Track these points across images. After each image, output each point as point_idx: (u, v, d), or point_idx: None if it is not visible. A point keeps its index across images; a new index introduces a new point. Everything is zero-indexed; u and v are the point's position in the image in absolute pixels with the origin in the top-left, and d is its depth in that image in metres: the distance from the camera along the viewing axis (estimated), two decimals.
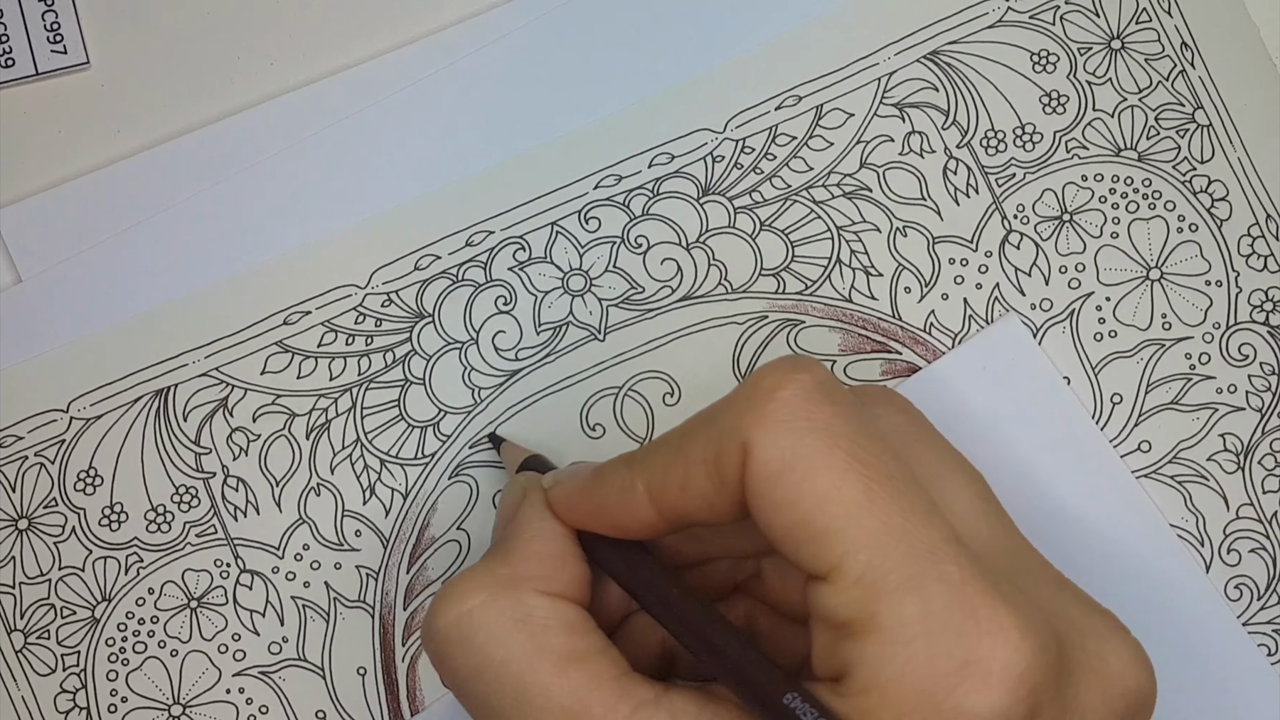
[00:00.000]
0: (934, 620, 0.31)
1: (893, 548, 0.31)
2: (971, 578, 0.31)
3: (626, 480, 0.35)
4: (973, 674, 0.31)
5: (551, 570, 0.36)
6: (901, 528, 0.32)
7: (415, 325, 0.45)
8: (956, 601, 0.31)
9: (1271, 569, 0.45)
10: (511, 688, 0.34)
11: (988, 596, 0.31)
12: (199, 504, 0.45)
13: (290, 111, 0.45)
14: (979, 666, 0.31)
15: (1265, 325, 0.46)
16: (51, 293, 0.45)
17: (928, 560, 0.31)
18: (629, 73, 0.46)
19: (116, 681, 0.44)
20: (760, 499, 0.33)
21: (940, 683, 0.31)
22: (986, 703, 0.31)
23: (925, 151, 0.46)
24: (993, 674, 0.31)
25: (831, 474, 0.32)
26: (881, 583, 0.31)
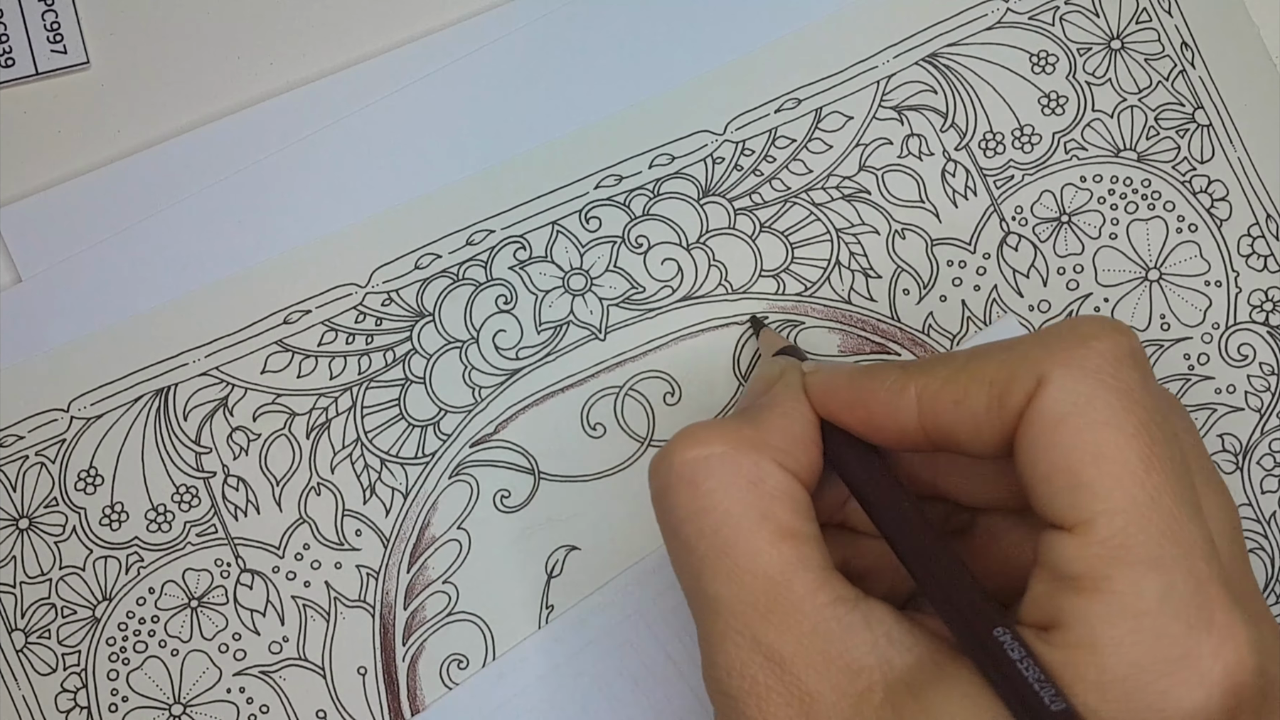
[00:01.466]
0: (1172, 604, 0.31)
1: (1153, 523, 0.31)
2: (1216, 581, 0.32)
3: (899, 381, 0.35)
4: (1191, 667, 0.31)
5: (793, 447, 0.36)
6: (1169, 509, 0.32)
7: (416, 324, 0.45)
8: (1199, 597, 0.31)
9: (1271, 569, 0.45)
10: (725, 539, 0.34)
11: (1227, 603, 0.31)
12: (199, 503, 0.45)
13: (290, 111, 0.45)
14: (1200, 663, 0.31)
15: (1265, 325, 0.46)
16: (51, 293, 0.45)
17: (1182, 548, 0.31)
18: (629, 73, 0.46)
19: (117, 681, 0.44)
20: (1036, 435, 0.32)
21: (1157, 663, 0.31)
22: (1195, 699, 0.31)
23: (924, 154, 0.46)
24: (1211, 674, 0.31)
25: (1120, 434, 0.32)
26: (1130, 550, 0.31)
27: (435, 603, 0.45)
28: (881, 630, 0.34)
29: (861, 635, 0.34)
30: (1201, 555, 0.32)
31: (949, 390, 0.34)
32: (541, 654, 0.44)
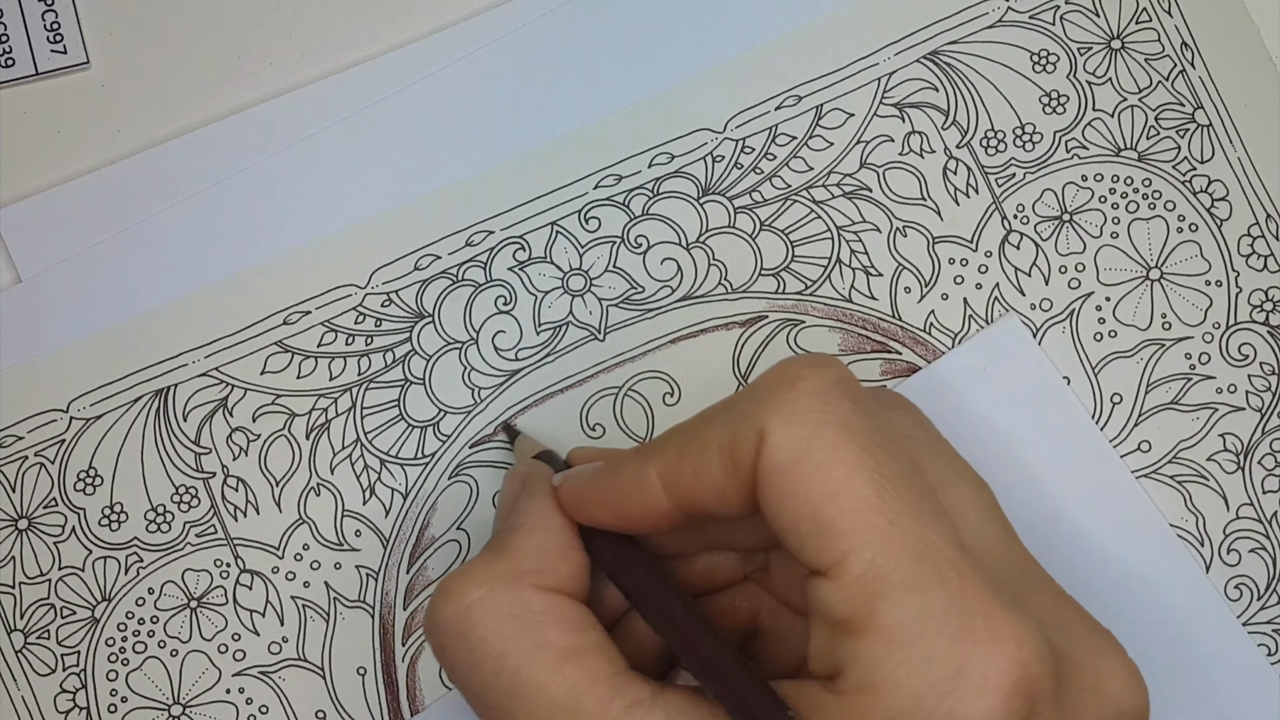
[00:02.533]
0: (932, 623, 0.31)
1: (898, 547, 0.31)
2: (973, 585, 0.32)
3: (639, 468, 0.35)
4: (968, 681, 0.31)
5: (550, 564, 0.36)
6: (909, 529, 0.32)
7: (415, 325, 0.45)
8: (956, 607, 0.31)
9: (1271, 569, 0.45)
10: (508, 682, 0.34)
11: (987, 605, 0.31)
12: (199, 504, 0.45)
13: (290, 111, 0.45)
14: (974, 673, 0.31)
15: (1265, 325, 0.46)
16: (51, 293, 0.45)
17: (931, 563, 0.31)
18: (629, 73, 0.46)
19: (116, 681, 0.44)
20: (771, 488, 0.33)
21: (935, 687, 0.31)
22: (981, 710, 0.31)
23: (925, 151, 0.46)
24: (988, 681, 0.31)
25: (844, 467, 0.32)
26: (883, 581, 0.31)
27: None
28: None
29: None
30: (951, 564, 0.32)
31: (686, 464, 0.34)
32: None
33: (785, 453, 0.32)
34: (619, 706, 0.34)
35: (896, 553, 0.31)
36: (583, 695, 0.34)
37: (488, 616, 0.35)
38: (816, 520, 0.32)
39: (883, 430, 0.33)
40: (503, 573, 0.36)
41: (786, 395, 0.33)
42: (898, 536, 0.32)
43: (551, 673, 0.34)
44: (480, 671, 0.35)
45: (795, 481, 0.32)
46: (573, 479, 0.38)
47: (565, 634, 0.35)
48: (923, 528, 0.32)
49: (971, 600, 0.31)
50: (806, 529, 0.32)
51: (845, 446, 0.32)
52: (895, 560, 0.31)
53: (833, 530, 0.32)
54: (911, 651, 0.31)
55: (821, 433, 0.32)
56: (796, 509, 0.32)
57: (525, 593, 0.35)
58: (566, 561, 0.37)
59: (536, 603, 0.35)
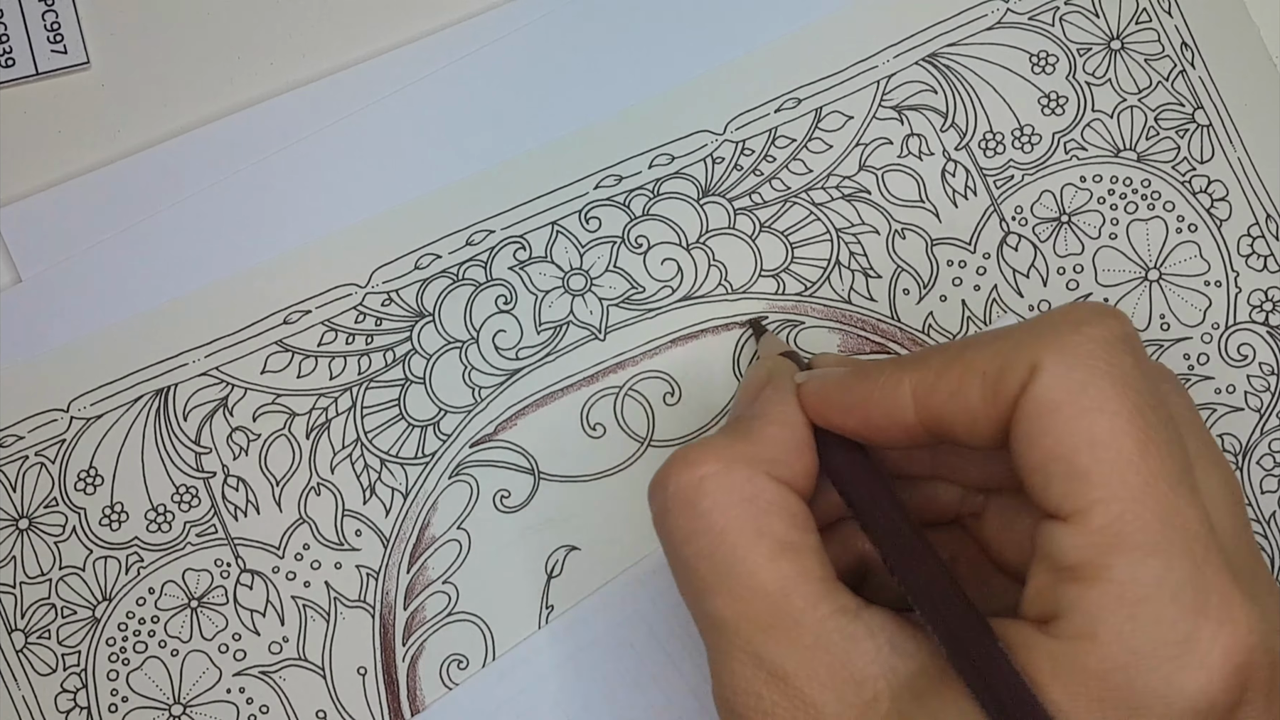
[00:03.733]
0: (1168, 588, 0.31)
1: (1149, 509, 0.31)
2: (1215, 563, 0.31)
3: (893, 377, 0.35)
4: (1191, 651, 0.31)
5: (786, 457, 0.36)
6: (1164, 494, 0.31)
7: (415, 324, 0.45)
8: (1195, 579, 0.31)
9: (1271, 569, 0.45)
10: (723, 558, 0.34)
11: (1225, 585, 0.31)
12: (199, 504, 0.45)
13: (290, 111, 0.45)
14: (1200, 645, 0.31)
15: (1264, 325, 0.46)
16: (51, 293, 0.45)
17: (1178, 532, 0.31)
18: (629, 73, 0.46)
19: (117, 681, 0.44)
20: (1030, 423, 0.32)
21: (1157, 650, 0.31)
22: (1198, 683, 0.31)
23: (924, 153, 0.46)
24: (1211, 657, 0.31)
25: (1115, 420, 0.32)
26: (1127, 538, 0.31)
27: (435, 603, 0.45)
28: (884, 638, 0.34)
29: (864, 645, 0.34)
30: (1198, 538, 0.32)
31: (944, 382, 0.34)
32: (541, 654, 0.44)
33: (1056, 391, 0.32)
34: (825, 609, 0.34)
35: (1146, 514, 0.31)
36: (792, 590, 0.34)
37: (719, 491, 0.35)
38: (1070, 464, 0.32)
39: (1158, 394, 0.33)
40: (741, 454, 0.36)
41: (1071, 336, 0.33)
42: (1150, 499, 0.31)
43: (766, 560, 0.34)
44: (697, 542, 0.35)
45: (1060, 421, 0.32)
46: (819, 378, 0.37)
47: (788, 528, 0.35)
48: (1177, 497, 0.32)
49: (1211, 577, 0.31)
50: (1057, 470, 0.32)
51: (1119, 400, 0.32)
52: (1143, 520, 0.31)
53: (1086, 477, 0.32)
54: (1141, 610, 0.31)
55: (1097, 381, 0.32)
56: (1053, 448, 0.32)
57: (759, 478, 0.35)
58: (801, 459, 0.36)
59: (767, 490, 0.35)
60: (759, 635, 0.34)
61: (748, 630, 0.34)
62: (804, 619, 0.34)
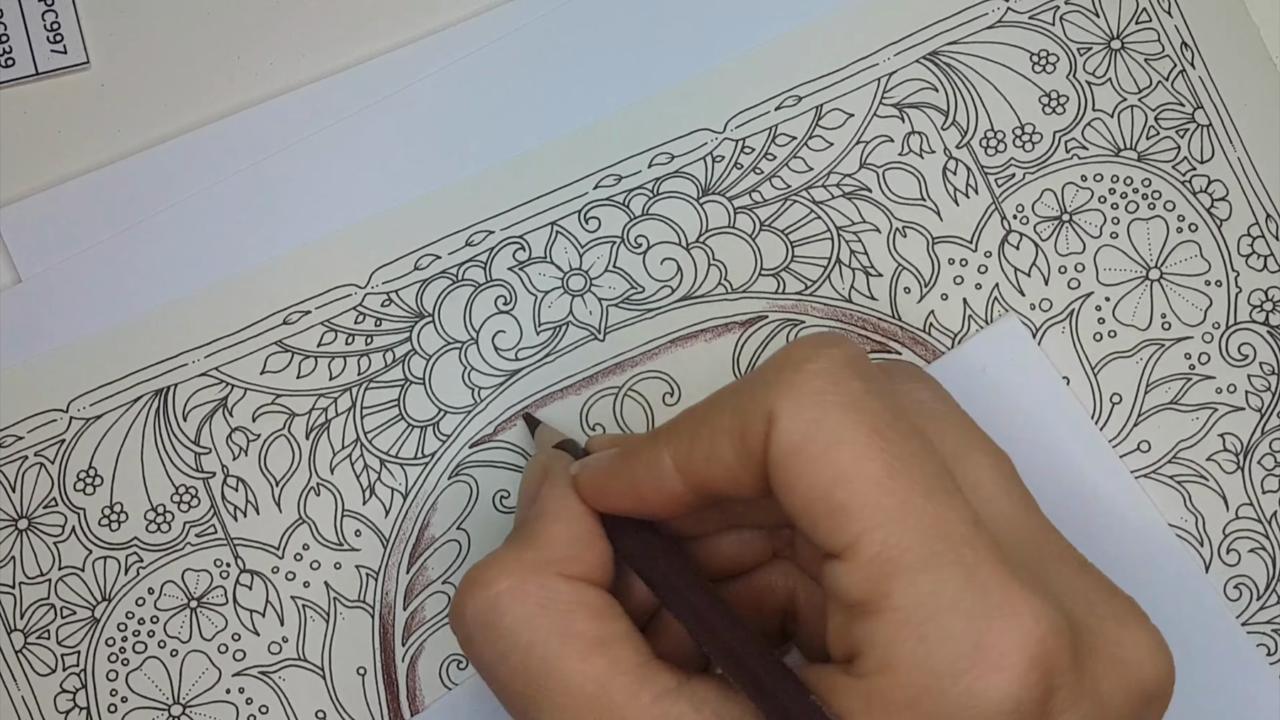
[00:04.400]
0: (947, 601, 0.31)
1: (910, 527, 0.31)
2: (987, 560, 0.31)
3: (653, 454, 0.35)
4: (985, 657, 0.31)
5: (576, 552, 0.36)
6: (920, 507, 0.31)
7: (415, 325, 0.45)
8: (971, 584, 0.31)
9: (1271, 569, 0.45)
10: (536, 671, 0.34)
11: (1003, 581, 0.31)
12: (199, 504, 0.45)
13: (290, 111, 0.45)
14: (991, 650, 0.31)
15: (1265, 325, 0.46)
16: (51, 293, 0.45)
17: (944, 542, 0.31)
18: (629, 73, 0.46)
19: (116, 681, 0.44)
20: (781, 471, 0.32)
21: (952, 665, 0.31)
22: (998, 686, 0.30)
23: (925, 152, 0.46)
24: (1005, 656, 0.31)
25: (854, 449, 0.32)
26: (896, 562, 0.31)
27: (435, 603, 0.45)
28: (709, 710, 0.34)
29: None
30: (966, 541, 0.32)
31: (698, 448, 0.34)
32: None
33: (794, 435, 0.32)
34: (646, 696, 0.34)
35: (908, 533, 0.31)
36: (610, 685, 0.34)
37: (515, 606, 0.35)
38: (827, 503, 0.32)
39: (893, 409, 0.33)
40: (530, 562, 0.35)
41: (795, 377, 0.33)
42: (909, 516, 0.31)
43: (579, 662, 0.34)
44: (508, 662, 0.35)
45: (805, 464, 0.32)
46: (590, 467, 0.37)
47: (592, 623, 0.35)
48: (935, 505, 0.32)
49: (986, 577, 0.31)
50: (818, 511, 0.32)
51: (854, 427, 0.32)
52: (907, 541, 0.31)
53: (844, 513, 0.32)
54: (927, 630, 0.31)
55: (830, 414, 0.32)
56: (807, 492, 0.32)
57: (553, 581, 0.35)
58: (592, 550, 0.36)
59: (564, 592, 0.35)
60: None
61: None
62: (627, 712, 0.34)
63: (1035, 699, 0.31)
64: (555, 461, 0.39)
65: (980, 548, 0.32)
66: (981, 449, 0.36)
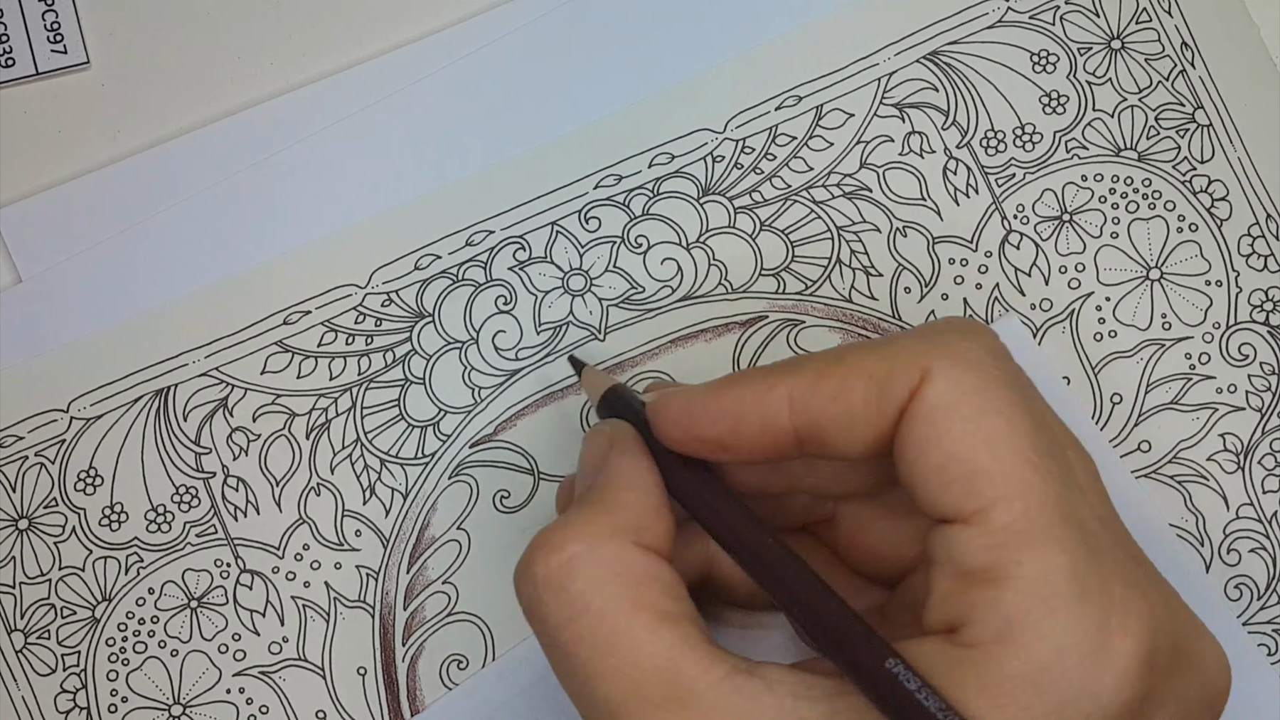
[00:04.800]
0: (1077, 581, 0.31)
1: (1049, 504, 0.32)
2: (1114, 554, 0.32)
3: (766, 382, 0.35)
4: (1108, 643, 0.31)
5: (649, 521, 0.35)
6: (1060, 491, 0.32)
7: (415, 325, 0.45)
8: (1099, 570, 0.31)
9: (1271, 569, 0.45)
10: (604, 637, 0.33)
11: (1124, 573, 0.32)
12: (199, 504, 0.45)
13: (290, 111, 0.45)
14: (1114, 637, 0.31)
15: (1265, 325, 0.46)
16: (51, 293, 0.45)
17: (1078, 526, 0.32)
18: (629, 73, 0.46)
19: (117, 681, 0.44)
20: (923, 427, 0.33)
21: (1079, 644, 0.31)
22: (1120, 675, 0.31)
23: (925, 152, 0.46)
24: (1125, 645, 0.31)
25: (1009, 423, 0.32)
26: (1030, 534, 0.31)
27: (435, 603, 0.45)
28: (784, 689, 0.33)
29: (765, 700, 0.33)
30: (1093, 531, 0.32)
31: (824, 385, 0.34)
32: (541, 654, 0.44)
33: (950, 395, 0.32)
34: (719, 672, 0.33)
35: (1048, 509, 0.32)
36: (681, 659, 0.33)
37: (589, 570, 0.34)
38: (969, 465, 0.32)
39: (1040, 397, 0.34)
40: (605, 527, 0.35)
41: (961, 343, 0.33)
42: (1050, 494, 0.32)
43: (650, 633, 0.33)
44: (575, 626, 0.34)
45: (955, 424, 0.32)
46: (676, 393, 0.37)
47: (664, 597, 0.34)
48: (1069, 492, 0.32)
49: (1113, 567, 0.32)
50: (955, 473, 0.32)
51: (1013, 404, 0.32)
52: (1045, 516, 0.31)
53: (985, 476, 0.32)
54: (1059, 605, 0.31)
55: (991, 385, 0.33)
56: (949, 450, 0.32)
57: (628, 550, 0.34)
58: (662, 521, 0.36)
59: (638, 561, 0.34)
60: (656, 713, 0.33)
61: (643, 709, 0.33)
62: (699, 686, 0.33)
63: (1141, 693, 0.31)
64: (621, 430, 0.38)
65: (1106, 541, 0.32)
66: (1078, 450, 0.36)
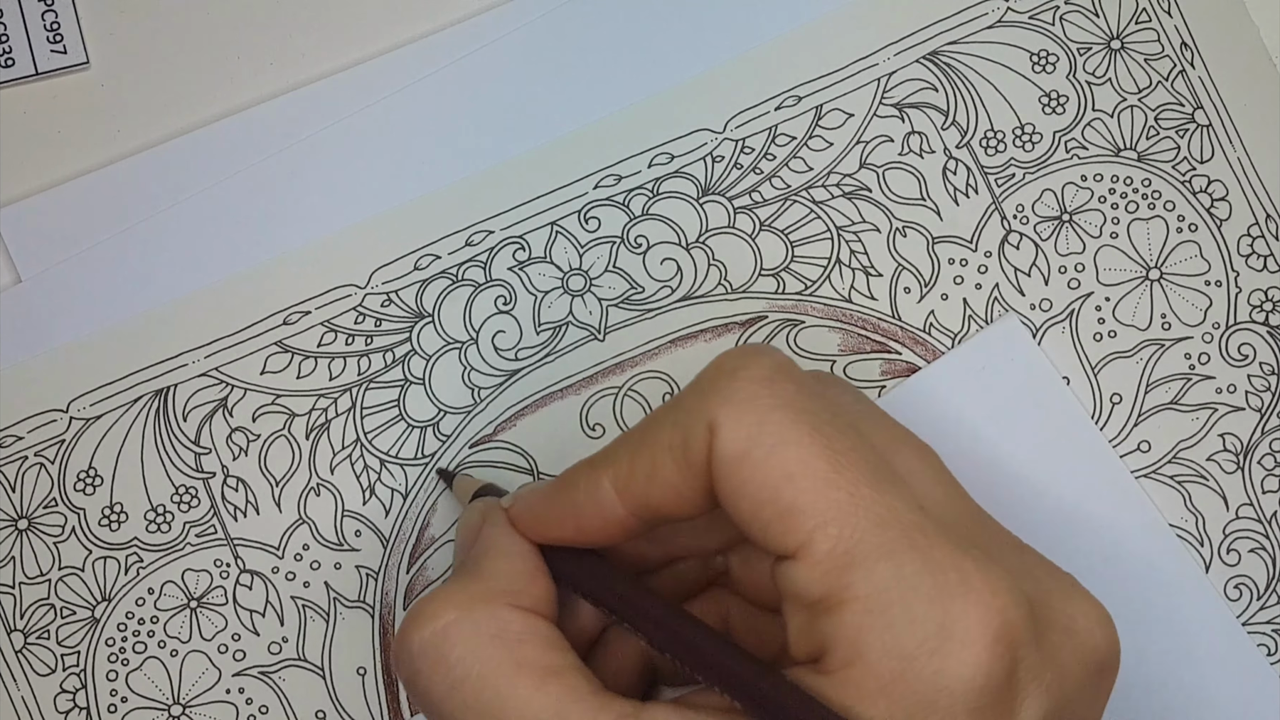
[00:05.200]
0: (907, 585, 0.31)
1: (862, 518, 0.32)
2: (939, 543, 0.32)
3: (590, 478, 0.35)
4: (951, 635, 0.31)
5: (522, 585, 0.36)
6: (869, 498, 0.32)
7: (415, 325, 0.45)
8: (928, 566, 0.31)
9: (1271, 569, 0.45)
10: (489, 702, 0.34)
11: (957, 560, 0.32)
12: (199, 504, 0.45)
13: (290, 111, 0.45)
14: (956, 627, 0.31)
15: (1265, 325, 0.46)
16: (51, 293, 0.45)
17: (896, 529, 0.32)
18: (629, 73, 0.46)
19: (116, 681, 0.44)
20: (728, 479, 0.33)
21: (921, 645, 0.31)
22: (967, 662, 0.31)
23: (925, 152, 0.46)
24: (970, 632, 0.31)
25: (797, 448, 0.32)
26: (853, 553, 0.32)
27: None
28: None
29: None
30: (916, 526, 0.32)
31: (638, 467, 0.35)
32: None
33: (738, 442, 0.33)
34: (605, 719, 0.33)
35: (861, 523, 0.32)
36: (568, 712, 0.33)
37: (466, 635, 0.34)
38: (777, 504, 0.32)
39: (829, 406, 0.34)
40: (477, 593, 0.35)
41: (731, 385, 0.33)
42: (860, 507, 0.32)
43: (534, 691, 0.34)
44: (459, 694, 0.34)
45: (751, 469, 0.32)
46: (525, 498, 0.37)
47: (545, 653, 0.34)
48: (882, 495, 0.32)
49: (941, 558, 0.32)
50: (769, 514, 0.32)
51: (795, 427, 0.32)
52: (861, 531, 0.32)
53: (795, 511, 0.32)
54: (892, 615, 0.31)
55: (770, 417, 0.33)
56: (756, 496, 0.32)
57: (502, 611, 0.35)
58: (537, 584, 0.36)
59: (514, 621, 0.35)
60: None
61: None
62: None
63: (1002, 672, 0.31)
64: (489, 506, 0.39)
65: (931, 531, 0.32)
66: (908, 443, 0.37)
